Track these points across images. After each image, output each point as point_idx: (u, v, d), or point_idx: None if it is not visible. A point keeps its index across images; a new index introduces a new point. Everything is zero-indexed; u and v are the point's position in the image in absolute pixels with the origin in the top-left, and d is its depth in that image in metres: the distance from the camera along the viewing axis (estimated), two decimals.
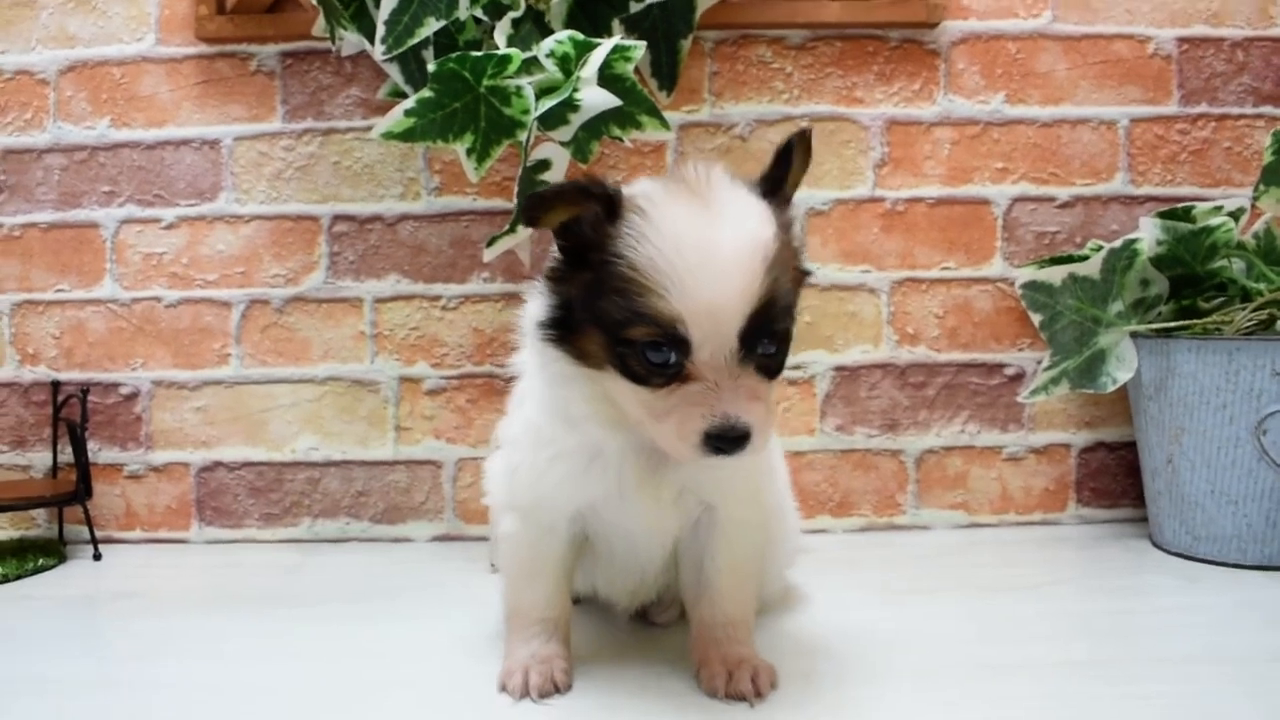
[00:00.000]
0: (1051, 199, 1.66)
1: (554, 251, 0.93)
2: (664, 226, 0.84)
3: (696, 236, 0.83)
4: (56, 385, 1.66)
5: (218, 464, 1.67)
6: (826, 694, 0.98)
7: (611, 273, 0.85)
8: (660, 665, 1.06)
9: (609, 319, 0.86)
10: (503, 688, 0.99)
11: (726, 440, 0.84)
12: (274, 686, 1.04)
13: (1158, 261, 1.49)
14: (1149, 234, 1.49)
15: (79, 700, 1.02)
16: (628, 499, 0.97)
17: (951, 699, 0.97)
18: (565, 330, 0.91)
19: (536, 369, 0.98)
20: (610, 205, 0.87)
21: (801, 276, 0.94)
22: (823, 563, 1.43)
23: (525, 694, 0.97)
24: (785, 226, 0.90)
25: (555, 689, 0.98)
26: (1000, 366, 1.66)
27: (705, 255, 0.83)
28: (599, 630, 1.19)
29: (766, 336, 0.86)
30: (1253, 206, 1.52)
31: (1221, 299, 1.49)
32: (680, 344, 0.84)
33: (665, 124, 1.41)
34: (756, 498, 1.04)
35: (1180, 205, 1.49)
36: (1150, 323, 1.50)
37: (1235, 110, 1.66)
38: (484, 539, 1.55)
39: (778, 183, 0.93)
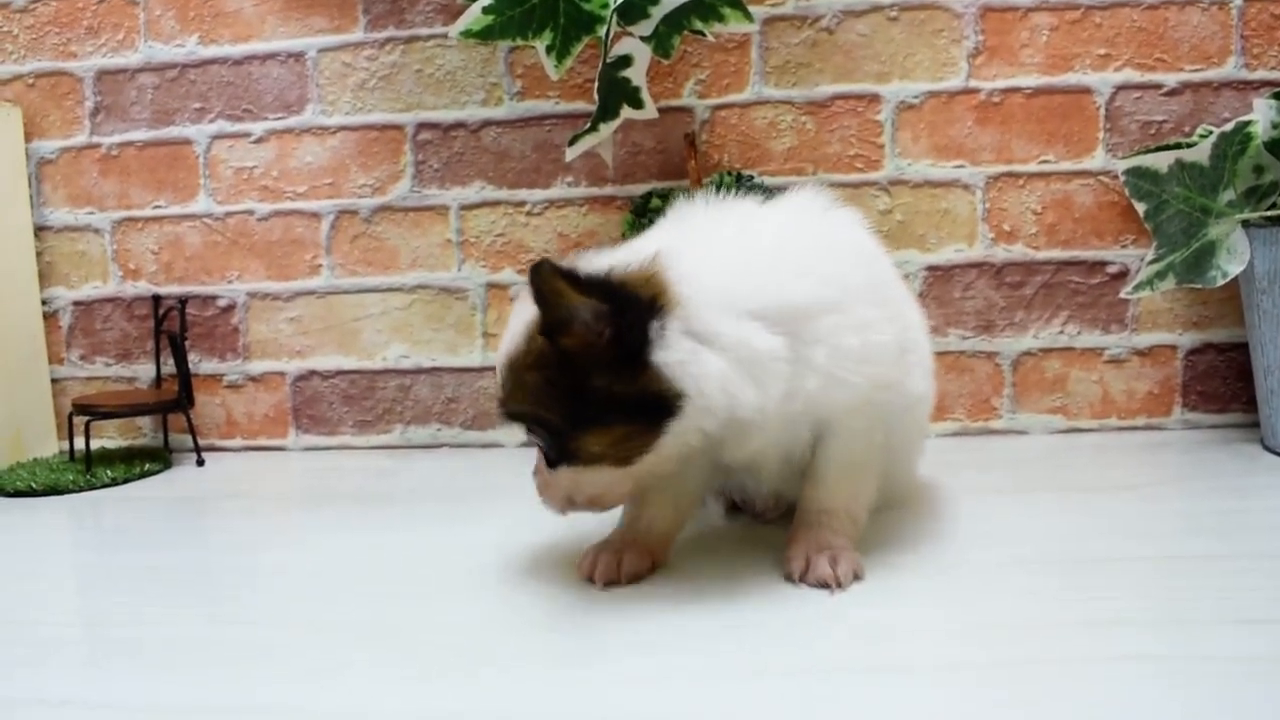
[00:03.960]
0: (1158, 86, 1.57)
1: None
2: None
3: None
4: (157, 299, 1.70)
5: (312, 373, 1.71)
6: (912, 584, 0.96)
7: None
8: (752, 556, 1.05)
9: None
10: (578, 566, 1.01)
11: None
12: (367, 573, 1.07)
13: (1273, 146, 1.41)
14: (1264, 116, 1.40)
15: (187, 584, 1.06)
16: None
17: (1037, 588, 0.94)
18: None
19: None
20: None
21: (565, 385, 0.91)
22: None
23: (590, 578, 0.98)
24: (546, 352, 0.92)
25: (617, 581, 0.98)
26: (1102, 264, 1.60)
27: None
28: (700, 520, 1.19)
29: (525, 426, 0.96)
30: None
31: None
32: None
33: (748, 16, 1.38)
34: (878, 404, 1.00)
35: None
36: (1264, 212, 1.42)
37: None
38: None
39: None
